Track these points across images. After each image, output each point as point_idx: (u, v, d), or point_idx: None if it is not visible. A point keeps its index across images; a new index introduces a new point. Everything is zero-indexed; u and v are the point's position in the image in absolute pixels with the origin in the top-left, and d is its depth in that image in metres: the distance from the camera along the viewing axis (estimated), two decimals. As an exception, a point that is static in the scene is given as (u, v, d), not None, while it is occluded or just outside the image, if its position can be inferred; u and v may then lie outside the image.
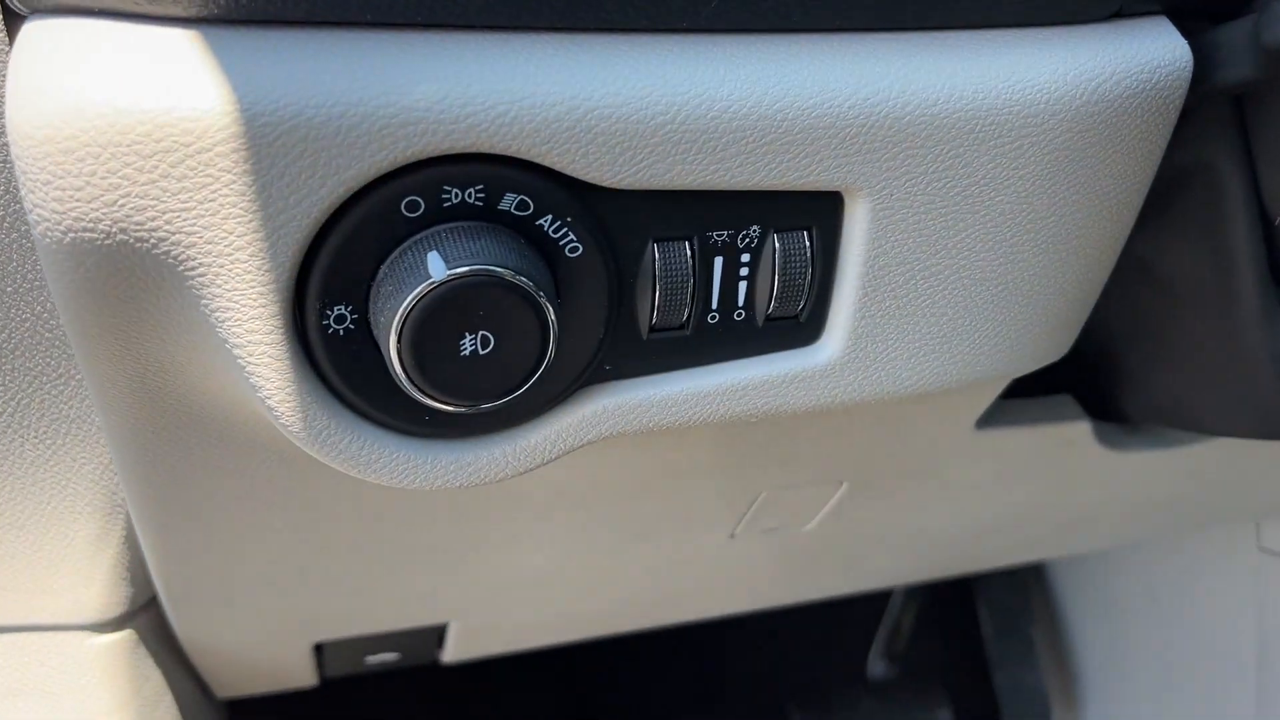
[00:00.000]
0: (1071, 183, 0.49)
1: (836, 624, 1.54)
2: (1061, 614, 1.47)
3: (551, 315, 0.42)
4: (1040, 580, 1.49)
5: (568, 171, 0.41)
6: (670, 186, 0.43)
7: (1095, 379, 0.75)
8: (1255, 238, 0.57)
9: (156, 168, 0.37)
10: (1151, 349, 0.67)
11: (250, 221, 0.38)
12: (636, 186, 0.42)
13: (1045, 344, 0.57)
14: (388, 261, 0.41)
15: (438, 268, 0.40)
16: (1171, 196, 0.58)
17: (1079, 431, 0.76)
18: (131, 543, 0.65)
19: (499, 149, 0.40)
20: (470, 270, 0.40)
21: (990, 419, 0.71)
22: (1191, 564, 1.26)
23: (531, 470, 0.49)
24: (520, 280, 0.40)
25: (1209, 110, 0.55)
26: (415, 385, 0.42)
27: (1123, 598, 1.37)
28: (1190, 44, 0.50)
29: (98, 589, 0.67)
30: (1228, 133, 0.56)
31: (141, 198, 0.38)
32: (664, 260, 0.45)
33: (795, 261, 0.47)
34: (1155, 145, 0.51)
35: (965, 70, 0.45)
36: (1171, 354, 0.66)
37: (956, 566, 1.05)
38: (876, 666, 1.53)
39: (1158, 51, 0.49)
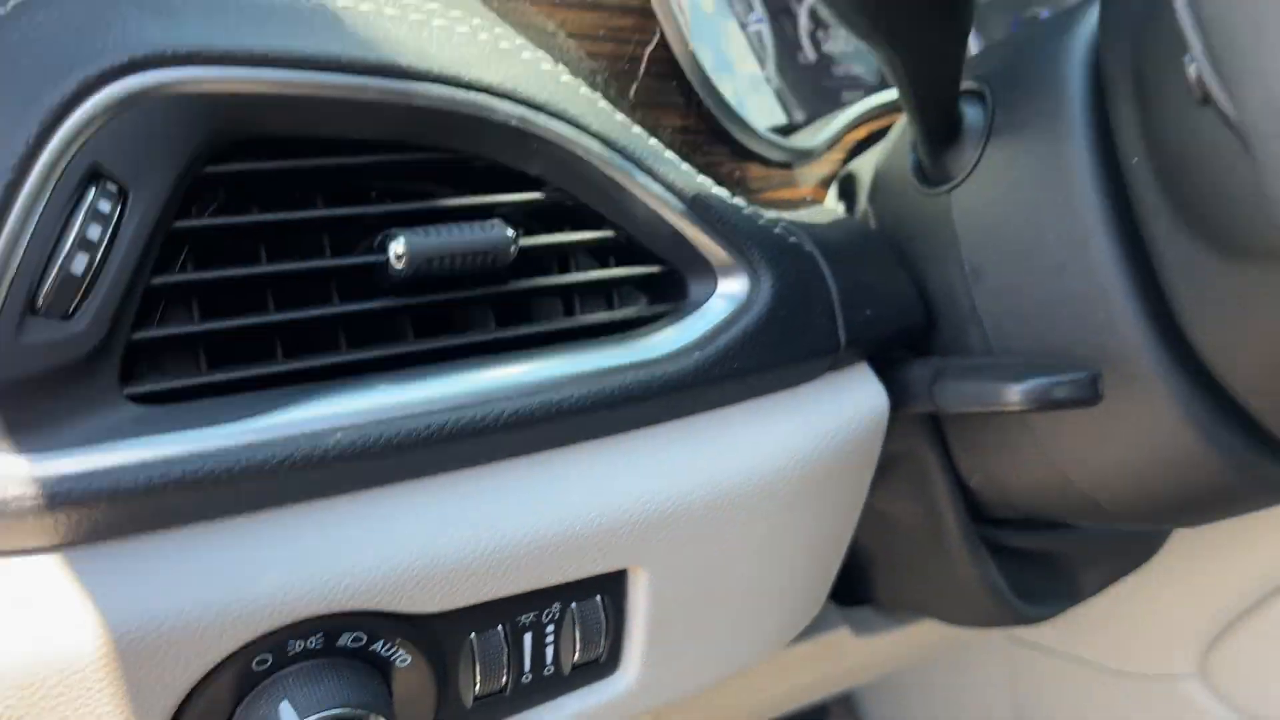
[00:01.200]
0: (807, 514, 0.60)
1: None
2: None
3: None
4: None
5: (397, 610, 0.48)
6: (482, 600, 0.51)
7: (851, 581, 0.87)
8: (955, 494, 0.71)
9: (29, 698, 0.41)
10: (892, 568, 0.81)
11: (120, 716, 0.43)
12: (454, 607, 0.50)
13: (807, 611, 0.68)
14: (241, 707, 0.47)
15: None
16: (888, 472, 0.71)
17: (840, 634, 0.88)
18: None
19: (337, 609, 0.46)
20: (321, 718, 0.46)
21: None
22: (957, 659, 1.42)
23: None
24: (366, 714, 0.47)
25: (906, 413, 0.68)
26: None
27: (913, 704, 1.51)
28: (886, 380, 0.63)
29: None
30: (925, 425, 0.69)
31: None
32: (482, 648, 0.52)
33: (592, 622, 0.56)
34: (868, 466, 0.63)
35: (708, 456, 0.55)
36: (906, 572, 0.80)
37: None
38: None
39: (863, 399, 0.61)
